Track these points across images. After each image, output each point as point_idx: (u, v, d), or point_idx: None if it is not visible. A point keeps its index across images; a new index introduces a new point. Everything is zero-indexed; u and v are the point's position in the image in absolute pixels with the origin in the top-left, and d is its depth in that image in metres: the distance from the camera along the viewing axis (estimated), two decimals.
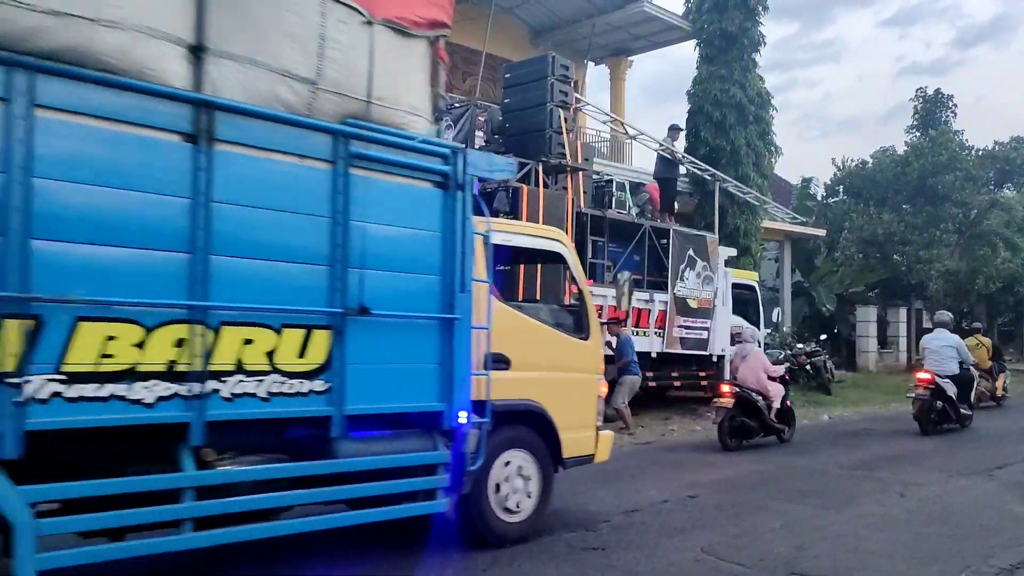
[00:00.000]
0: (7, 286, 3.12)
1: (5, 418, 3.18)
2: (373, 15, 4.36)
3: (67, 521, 3.43)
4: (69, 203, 3.29)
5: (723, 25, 16.27)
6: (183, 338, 3.63)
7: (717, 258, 14.04)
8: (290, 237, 4.00)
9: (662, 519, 6.09)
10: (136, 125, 3.48)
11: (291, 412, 4.04)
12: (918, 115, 24.81)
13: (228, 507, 3.83)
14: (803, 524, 6.01)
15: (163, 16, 3.58)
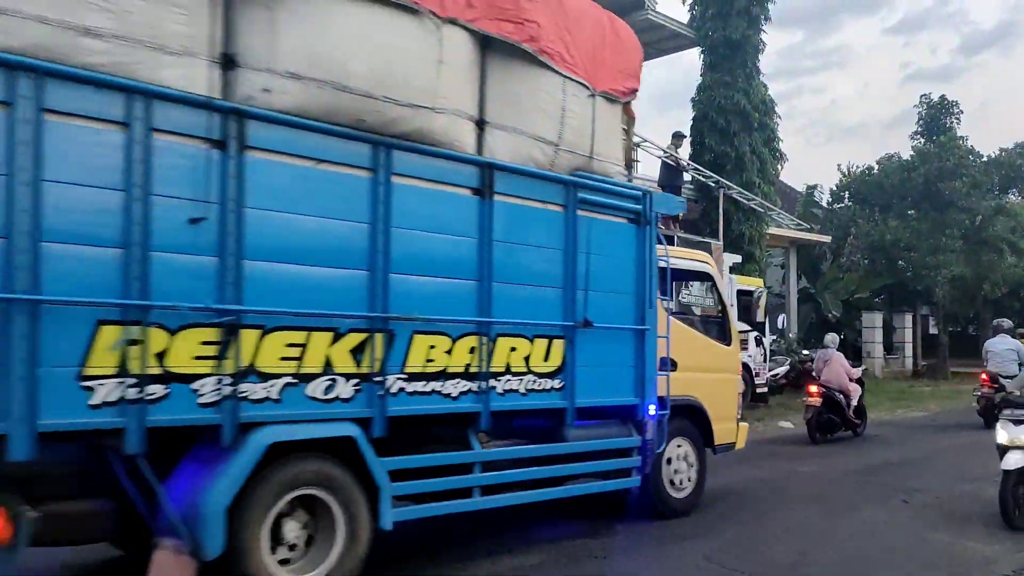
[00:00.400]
0: (376, 309, 4.45)
1: (375, 407, 4.44)
2: (595, 88, 5.68)
3: (406, 485, 4.66)
4: (413, 248, 4.64)
5: (727, 32, 16.64)
6: (474, 346, 4.90)
7: (722, 265, 14.33)
8: (540, 266, 5.32)
9: (665, 526, 6.15)
10: (448, 184, 4.82)
11: (540, 405, 5.33)
12: (922, 121, 24.89)
13: (502, 479, 5.21)
14: (806, 530, 6.14)
15: (465, 101, 4.90)
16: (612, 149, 5.89)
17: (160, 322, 3.74)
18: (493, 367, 4.97)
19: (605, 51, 5.82)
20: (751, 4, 16.68)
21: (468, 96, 4.91)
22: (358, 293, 4.42)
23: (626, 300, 5.87)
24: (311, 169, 4.24)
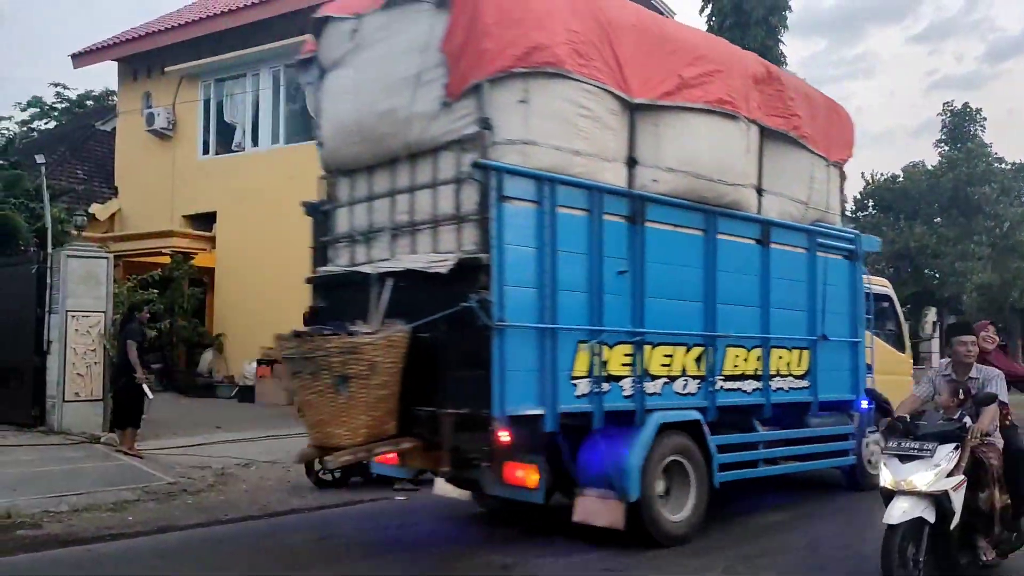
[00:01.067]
0: (708, 329, 6.67)
1: (709, 400, 6.67)
2: (829, 160, 8.22)
3: (724, 456, 6.67)
4: (727, 283, 6.81)
5: (745, 43, 17.33)
6: (759, 356, 7.11)
7: None
8: (794, 294, 7.53)
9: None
10: (745, 237, 7.11)
11: (796, 399, 7.55)
12: (946, 129, 26.09)
13: (776, 454, 7.47)
14: (828, 543, 6.42)
15: (755, 176, 7.27)
16: (835, 203, 8.43)
17: (605, 341, 5.99)
18: (770, 371, 7.20)
19: (832, 129, 8.28)
20: (769, 14, 17.47)
21: (755, 172, 7.27)
22: (697, 318, 6.65)
23: (845, 319, 8.17)
24: (674, 232, 6.51)
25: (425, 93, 5.82)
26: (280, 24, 16.55)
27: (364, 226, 6.53)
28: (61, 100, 31.02)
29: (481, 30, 5.57)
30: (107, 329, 11.38)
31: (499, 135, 5.57)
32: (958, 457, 4.90)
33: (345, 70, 6.52)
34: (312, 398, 5.63)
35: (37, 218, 13.56)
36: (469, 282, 5.46)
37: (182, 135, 18.88)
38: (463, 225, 5.70)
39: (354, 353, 5.46)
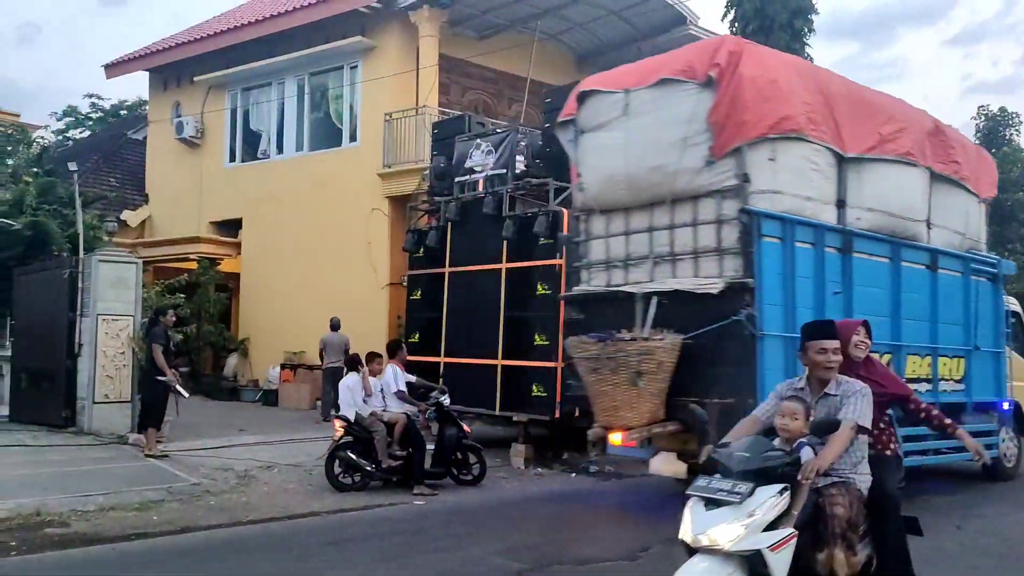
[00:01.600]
0: (895, 339, 8.21)
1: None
2: (980, 197, 10.01)
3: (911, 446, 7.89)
4: (908, 302, 8.46)
5: (769, 46, 17.23)
6: (929, 362, 8.56)
7: None
8: (954, 310, 9.00)
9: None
10: (921, 264, 8.68)
11: (955, 400, 8.84)
12: (980, 133, 25.76)
13: (941, 446, 8.39)
14: None
15: (926, 212, 8.91)
16: (982, 233, 10.16)
17: None
18: (938, 375, 8.70)
19: (981, 171, 10.07)
20: (793, 17, 17.37)
21: (927, 209, 8.88)
22: (887, 330, 8.00)
23: (990, 332, 9.59)
24: (871, 260, 8.05)
25: (691, 153, 7.44)
26: (304, 34, 16.79)
27: (621, 255, 8.18)
28: (95, 110, 31.66)
29: (742, 106, 7.25)
30: (135, 332, 11.60)
31: (754, 186, 7.24)
32: (785, 503, 3.76)
33: (612, 132, 8.10)
34: (607, 388, 7.23)
35: (70, 224, 13.85)
36: (734, 301, 7.09)
37: (210, 143, 19.19)
38: (724, 256, 7.32)
39: (648, 354, 7.10)
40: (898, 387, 4.81)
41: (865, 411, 4.13)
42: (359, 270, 15.66)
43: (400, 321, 14.36)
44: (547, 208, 11.51)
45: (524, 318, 11.45)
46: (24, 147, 18.02)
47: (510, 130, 12.90)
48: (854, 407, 4.12)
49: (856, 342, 4.58)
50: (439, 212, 13.05)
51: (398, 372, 9.36)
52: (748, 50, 7.57)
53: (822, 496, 3.99)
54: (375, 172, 15.68)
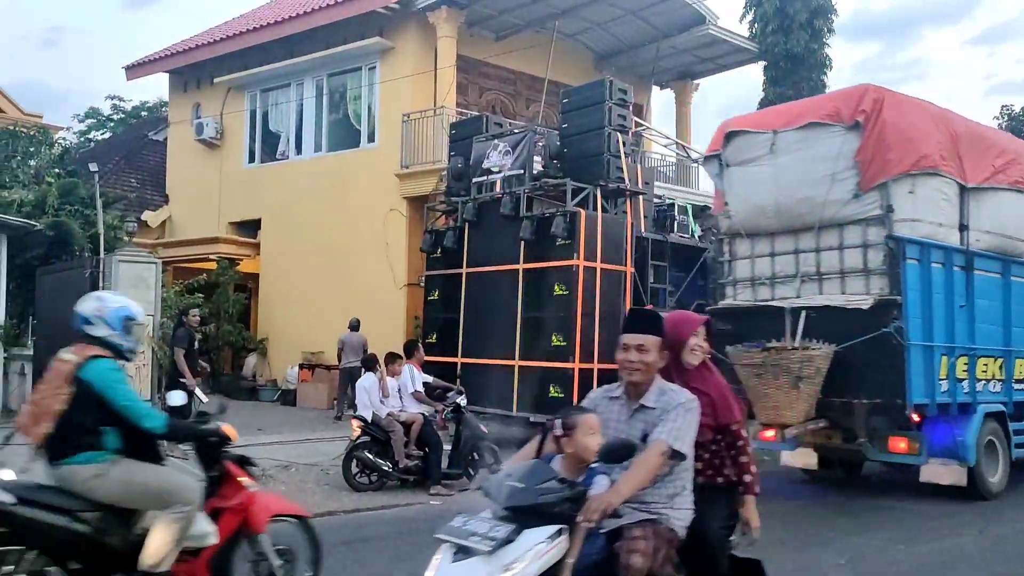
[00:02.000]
0: (1008, 345, 9.41)
1: (1008, 396, 9.42)
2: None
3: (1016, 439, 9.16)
4: (1019, 314, 9.51)
5: (788, 46, 17.18)
6: (1001, 364, 9.28)
7: None
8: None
9: None
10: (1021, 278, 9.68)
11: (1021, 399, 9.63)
12: None
13: None
14: (870, 560, 6.22)
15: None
16: None
17: (957, 354, 8.68)
18: (1016, 376, 9.51)
19: None
20: (814, 17, 17.24)
21: None
22: (999, 338, 9.22)
23: None
24: (988, 276, 9.12)
25: (839, 186, 8.52)
26: (323, 35, 16.88)
27: (767, 273, 9.30)
28: (117, 111, 32.02)
29: (886, 146, 8.35)
30: (155, 332, 11.69)
31: (897, 215, 8.33)
32: (559, 551, 2.95)
33: (760, 167, 9.18)
34: (770, 391, 8.37)
35: (91, 224, 14.01)
36: (882, 315, 8.21)
37: (229, 144, 19.33)
38: (870, 275, 8.46)
39: (808, 361, 8.19)
40: (726, 411, 3.64)
41: (684, 430, 3.26)
42: (377, 270, 15.71)
43: (417, 321, 14.39)
44: (564, 208, 11.49)
45: (541, 319, 11.43)
46: (46, 148, 18.23)
47: (528, 130, 12.90)
48: (671, 425, 3.24)
49: (692, 345, 3.65)
50: (456, 213, 13.07)
51: (415, 372, 9.37)
52: (888, 97, 8.59)
53: (621, 539, 3.11)
54: (393, 173, 15.73)
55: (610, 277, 11.61)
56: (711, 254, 10.49)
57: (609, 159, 11.86)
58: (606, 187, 11.92)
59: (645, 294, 12.53)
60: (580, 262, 11.22)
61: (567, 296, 11.21)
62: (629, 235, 12.00)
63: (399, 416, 8.96)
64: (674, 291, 13.35)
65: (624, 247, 11.84)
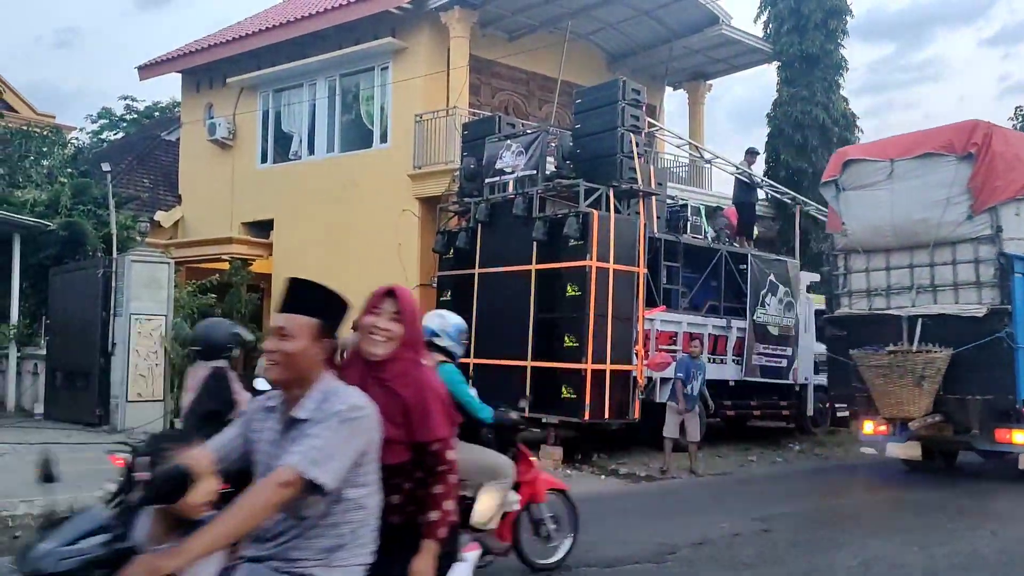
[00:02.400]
0: None
1: None
2: None
3: None
4: None
5: (803, 47, 17.11)
6: None
7: (799, 284, 14.61)
8: None
9: (731, 553, 6.39)
10: None
11: None
12: None
13: None
14: (882, 562, 6.23)
15: None
16: None
17: None
18: None
19: None
20: (829, 17, 17.15)
21: None
22: None
23: None
24: None
25: (953, 209, 9.95)
26: (335, 35, 16.93)
27: (883, 285, 10.78)
28: (129, 112, 32.22)
29: (995, 174, 9.72)
30: (167, 332, 11.76)
31: (1005, 235, 9.72)
32: None
33: (878, 191, 10.66)
34: (894, 389, 9.71)
35: (104, 224, 14.11)
36: (994, 322, 9.51)
37: (242, 144, 19.42)
38: (982, 287, 9.82)
39: (931, 362, 9.52)
40: (423, 422, 2.63)
41: (330, 451, 2.25)
42: (389, 271, 15.70)
43: None
44: (577, 209, 11.47)
45: (554, 320, 11.42)
46: (59, 148, 18.38)
47: (540, 131, 12.88)
48: (309, 443, 2.26)
49: (369, 326, 2.64)
50: (469, 213, 13.07)
51: None
52: (996, 131, 10.05)
53: None
54: (405, 173, 15.75)
55: (623, 278, 11.58)
56: (827, 267, 11.98)
57: (622, 160, 11.83)
58: (619, 188, 11.90)
59: (658, 295, 12.50)
60: (593, 263, 11.20)
61: (580, 297, 11.19)
62: (642, 236, 11.96)
63: None
64: (687, 292, 13.33)
65: (637, 248, 11.81)
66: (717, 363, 13.18)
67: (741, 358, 13.42)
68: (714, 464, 11.52)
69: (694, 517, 7.76)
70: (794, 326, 14.26)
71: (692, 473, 10.59)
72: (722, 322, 13.31)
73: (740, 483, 10.24)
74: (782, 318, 14.09)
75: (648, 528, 7.20)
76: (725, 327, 13.30)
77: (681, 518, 7.64)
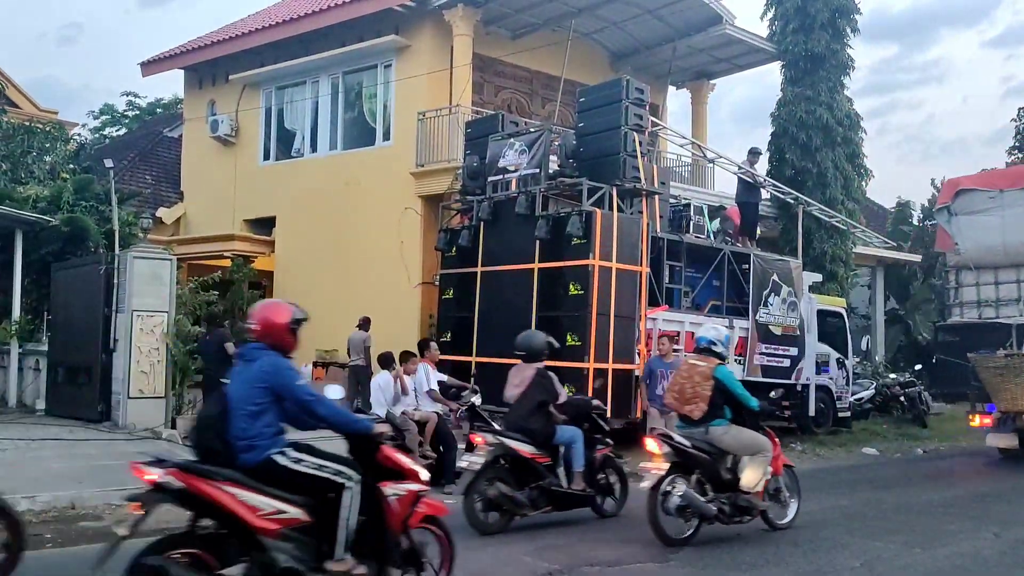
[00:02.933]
0: None
1: None
2: None
3: None
4: None
5: (808, 46, 17.07)
6: None
7: (802, 284, 14.61)
8: None
9: (733, 553, 6.41)
10: None
11: None
12: (1020, 135, 25.41)
13: None
14: (885, 563, 6.24)
15: None
16: None
17: None
18: None
19: None
20: (835, 17, 17.10)
21: None
22: None
23: None
24: None
25: None
26: (338, 33, 16.94)
27: (992, 297, 12.81)
28: (132, 108, 32.26)
29: None
30: (169, 329, 11.77)
31: None
32: None
33: (989, 217, 12.66)
34: (1010, 386, 11.11)
35: (106, 221, 14.11)
36: None
37: (244, 141, 19.43)
38: None
39: None
40: None
41: None
42: (391, 269, 15.75)
43: (432, 320, 14.41)
44: (580, 208, 11.48)
45: (556, 318, 11.42)
46: (61, 144, 18.40)
47: (543, 129, 12.89)
48: None
49: None
50: (472, 211, 13.07)
51: (429, 370, 9.38)
52: None
53: None
54: (408, 171, 15.76)
55: (625, 277, 11.58)
56: (939, 281, 14.41)
57: (625, 159, 11.84)
58: (622, 187, 11.90)
59: (660, 294, 12.51)
60: (595, 262, 11.21)
61: (582, 296, 11.19)
62: (644, 235, 11.97)
63: (413, 415, 8.98)
64: (689, 291, 13.33)
65: (639, 247, 11.82)
66: None
67: (743, 358, 13.41)
68: None
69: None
70: (797, 326, 14.24)
71: None
72: (724, 322, 13.29)
73: None
74: (785, 318, 14.09)
75: (650, 527, 7.17)
76: (728, 327, 13.28)
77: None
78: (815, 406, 14.60)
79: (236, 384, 4.35)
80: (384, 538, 4.34)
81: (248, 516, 3.97)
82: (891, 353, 21.28)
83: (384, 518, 4.33)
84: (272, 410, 4.28)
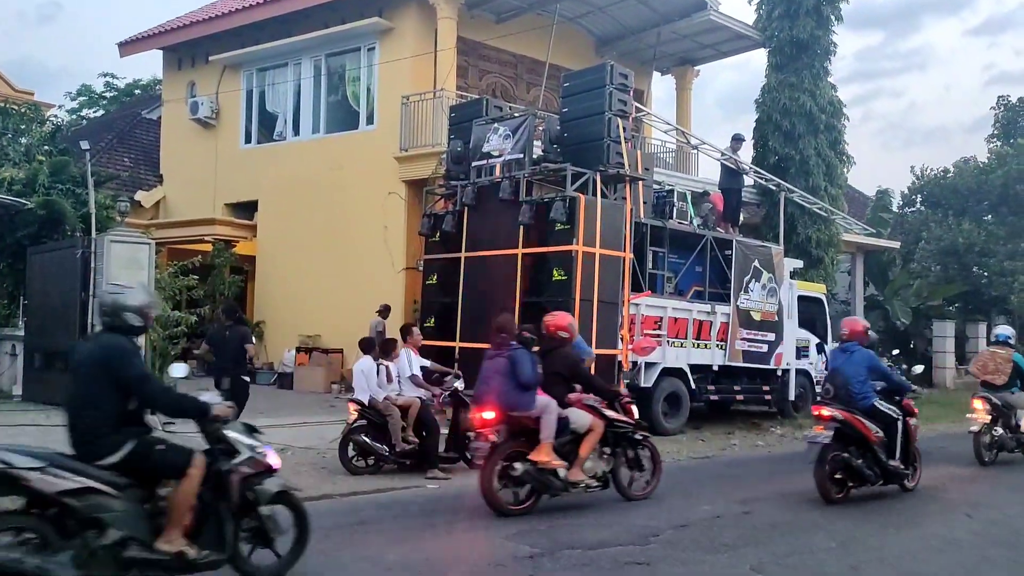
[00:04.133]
0: None
1: None
2: None
3: None
4: None
5: (794, 33, 17.12)
6: None
7: (783, 270, 14.74)
8: None
9: (712, 535, 6.46)
10: None
11: None
12: (999, 124, 25.64)
13: None
14: (861, 544, 6.32)
15: None
16: None
17: None
18: None
19: None
20: (821, 3, 17.17)
21: None
22: None
23: None
24: None
25: None
26: (321, 14, 16.79)
27: None
28: (110, 89, 31.81)
29: None
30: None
31: None
32: None
33: None
34: None
35: (83, 203, 13.96)
36: None
37: (225, 124, 19.25)
38: None
39: None
40: None
41: None
42: (375, 254, 15.71)
43: (416, 305, 14.41)
44: (564, 193, 11.49)
45: (540, 304, 11.45)
46: (37, 126, 18.13)
47: (528, 114, 12.87)
48: None
49: None
50: (456, 196, 13.06)
51: (412, 356, 9.39)
52: None
53: None
54: (392, 155, 15.69)
55: (609, 263, 11.63)
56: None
57: (609, 144, 11.86)
58: (606, 172, 11.93)
59: (643, 280, 12.57)
60: (579, 247, 11.25)
61: (566, 281, 11.23)
62: (628, 221, 12.02)
63: (396, 400, 8.99)
64: (672, 277, 13.42)
65: (623, 233, 11.87)
66: (701, 348, 13.29)
67: (724, 343, 13.54)
68: (696, 448, 11.63)
69: (677, 500, 7.83)
70: (776, 312, 14.38)
71: None
72: (707, 307, 13.41)
73: (722, 466, 10.35)
74: (765, 304, 14.22)
75: (632, 511, 7.27)
76: (710, 312, 13.40)
77: (664, 501, 7.71)
78: (795, 390, 14.77)
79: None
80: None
81: None
82: None
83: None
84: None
